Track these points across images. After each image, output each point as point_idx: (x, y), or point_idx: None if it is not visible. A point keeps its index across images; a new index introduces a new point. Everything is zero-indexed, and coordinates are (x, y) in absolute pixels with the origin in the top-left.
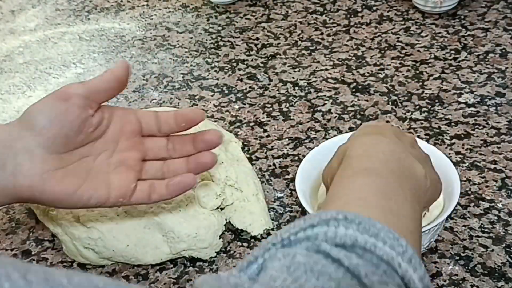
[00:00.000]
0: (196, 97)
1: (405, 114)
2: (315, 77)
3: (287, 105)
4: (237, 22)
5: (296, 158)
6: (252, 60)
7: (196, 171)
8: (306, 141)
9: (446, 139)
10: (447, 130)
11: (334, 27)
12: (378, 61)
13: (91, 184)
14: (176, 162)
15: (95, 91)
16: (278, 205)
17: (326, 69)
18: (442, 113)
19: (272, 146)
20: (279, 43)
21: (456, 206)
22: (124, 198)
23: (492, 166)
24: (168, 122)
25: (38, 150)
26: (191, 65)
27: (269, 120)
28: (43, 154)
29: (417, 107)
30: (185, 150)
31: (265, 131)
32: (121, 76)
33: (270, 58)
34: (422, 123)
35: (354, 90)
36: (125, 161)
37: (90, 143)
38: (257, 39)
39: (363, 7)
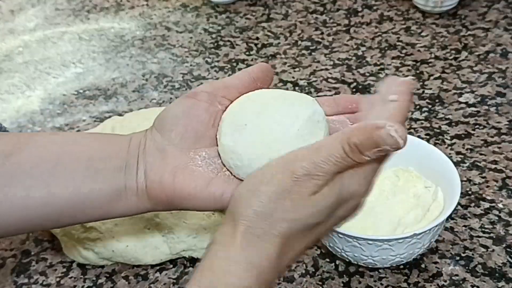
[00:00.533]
0: None
1: None
2: (315, 77)
3: None
4: (237, 21)
5: None
6: (252, 60)
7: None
8: None
9: (447, 139)
10: (448, 130)
11: (334, 26)
12: (378, 60)
13: (222, 178)
14: None
15: (224, 87)
16: None
17: (326, 69)
18: (443, 113)
19: None
20: (279, 43)
21: (456, 206)
22: None
23: (493, 166)
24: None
25: (168, 148)
26: (191, 65)
27: None
28: (173, 151)
29: (418, 107)
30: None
31: None
32: (256, 74)
33: (270, 57)
34: (422, 123)
35: (354, 90)
36: None
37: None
38: (257, 38)
39: (364, 6)
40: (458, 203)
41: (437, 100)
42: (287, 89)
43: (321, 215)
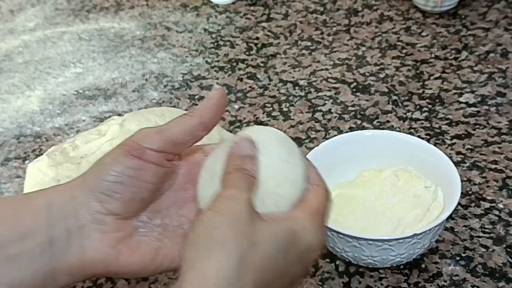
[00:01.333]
0: (196, 97)
1: (405, 114)
2: (315, 77)
3: (287, 105)
4: (237, 21)
5: None
6: (252, 60)
7: None
8: (306, 141)
9: (447, 139)
10: (448, 130)
11: (334, 26)
12: (378, 60)
13: (169, 246)
14: None
15: (172, 143)
16: None
17: (326, 69)
18: (443, 113)
19: None
20: (279, 43)
21: (456, 206)
22: None
23: (493, 166)
24: None
25: (108, 219)
26: (190, 65)
27: (269, 120)
28: (115, 221)
29: (418, 107)
30: None
31: None
32: (210, 120)
33: (270, 57)
34: (422, 123)
35: (354, 90)
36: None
37: (160, 197)
38: (257, 38)
39: (364, 6)
40: (458, 203)
41: (437, 100)
42: (287, 89)
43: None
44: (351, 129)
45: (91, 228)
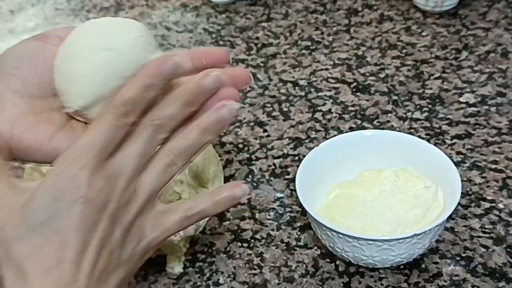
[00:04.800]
0: None
1: (405, 114)
2: (315, 77)
3: (287, 105)
4: (237, 21)
5: (296, 158)
6: (252, 60)
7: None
8: (306, 141)
9: (447, 139)
10: (448, 130)
11: (334, 26)
12: (378, 60)
13: (69, 132)
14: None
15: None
16: (278, 205)
17: (327, 69)
18: (443, 113)
19: (272, 146)
20: (279, 43)
21: (456, 206)
22: None
23: (493, 166)
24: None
25: (6, 94)
26: None
27: (269, 120)
28: (13, 97)
29: (418, 107)
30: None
31: (265, 131)
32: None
33: (270, 57)
34: (422, 123)
35: (354, 89)
36: None
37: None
38: (257, 38)
39: (364, 6)
40: (459, 203)
41: (437, 100)
42: (287, 89)
43: None
44: (351, 129)
45: None
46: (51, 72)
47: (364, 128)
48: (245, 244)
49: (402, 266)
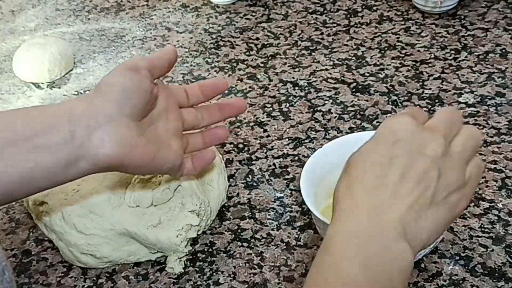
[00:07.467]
0: None
1: None
2: (315, 77)
3: (287, 105)
4: (237, 22)
5: (296, 158)
6: (252, 60)
7: (211, 143)
8: (306, 141)
9: None
10: None
11: (334, 27)
12: (378, 61)
13: (164, 150)
14: (193, 136)
15: (153, 66)
16: (278, 205)
17: (326, 69)
18: None
19: (272, 146)
20: (279, 43)
21: None
22: (179, 167)
23: (492, 166)
24: (194, 93)
25: (123, 119)
26: (191, 65)
27: (269, 120)
28: (128, 122)
29: (417, 107)
30: (213, 118)
31: (265, 131)
32: (171, 57)
33: (270, 58)
34: None
35: (354, 90)
36: (177, 130)
37: (150, 113)
38: (257, 39)
39: (363, 7)
40: None
41: (436, 100)
42: (287, 89)
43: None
44: (351, 129)
45: (109, 127)
46: (148, 101)
47: (364, 128)
48: (245, 244)
49: None
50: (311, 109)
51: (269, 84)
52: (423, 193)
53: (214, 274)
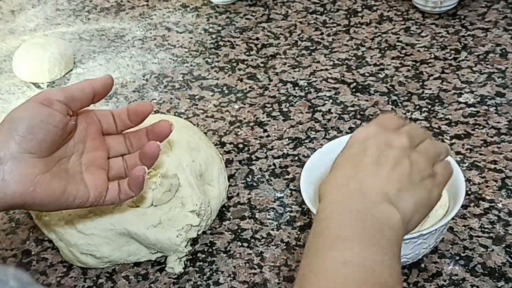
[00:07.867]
0: (196, 97)
1: (405, 114)
2: (315, 77)
3: (287, 105)
4: (237, 22)
5: (296, 158)
6: (252, 60)
7: (146, 163)
8: (306, 141)
9: (446, 139)
10: (447, 130)
11: (334, 27)
12: (378, 61)
13: (73, 185)
14: (133, 157)
15: (72, 98)
16: (278, 205)
17: (326, 69)
18: (442, 113)
19: (272, 146)
20: (279, 43)
21: None
22: (100, 198)
23: (492, 166)
24: (122, 118)
25: (26, 156)
26: (191, 65)
27: (269, 120)
28: (31, 159)
29: (417, 107)
30: (141, 143)
31: (265, 131)
32: (99, 89)
33: (270, 58)
34: (422, 123)
35: (354, 90)
36: (94, 161)
37: (63, 145)
38: (257, 39)
39: (363, 7)
40: None
41: (436, 100)
42: (287, 89)
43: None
44: (351, 129)
45: (11, 165)
46: (59, 136)
47: None
48: (245, 244)
49: (401, 266)
50: (311, 109)
51: (269, 84)
52: (401, 175)
53: (214, 274)
